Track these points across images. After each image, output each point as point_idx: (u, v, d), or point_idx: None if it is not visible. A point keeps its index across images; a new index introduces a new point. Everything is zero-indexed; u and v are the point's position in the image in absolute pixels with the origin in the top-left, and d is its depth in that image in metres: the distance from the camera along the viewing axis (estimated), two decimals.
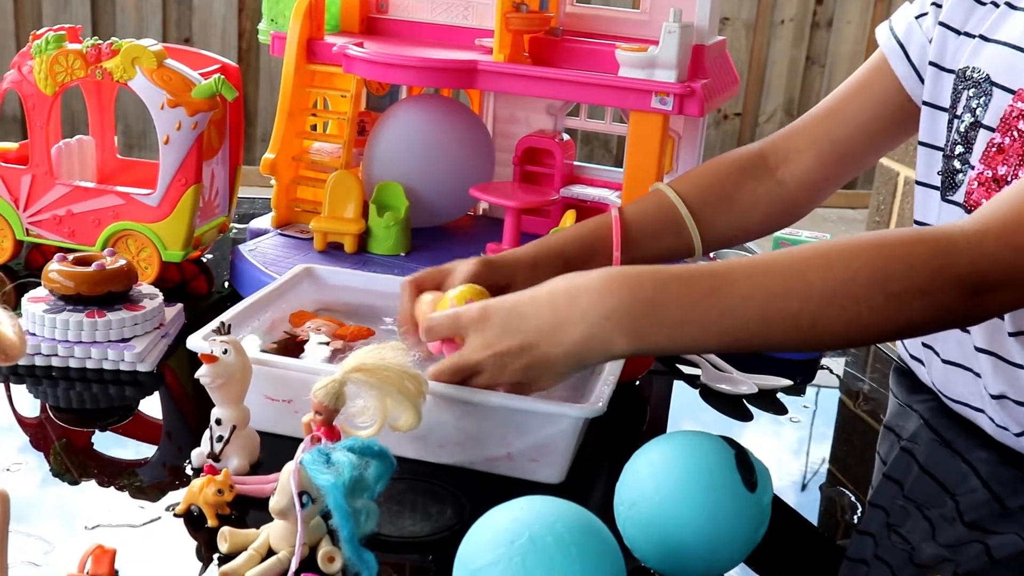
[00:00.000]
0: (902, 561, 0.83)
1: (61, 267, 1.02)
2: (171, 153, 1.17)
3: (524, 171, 1.35)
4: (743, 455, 0.73)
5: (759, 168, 1.11)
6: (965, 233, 0.80)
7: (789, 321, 0.79)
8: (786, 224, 1.16)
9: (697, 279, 0.80)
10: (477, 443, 0.86)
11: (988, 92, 0.95)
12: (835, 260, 0.79)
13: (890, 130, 1.10)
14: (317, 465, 0.68)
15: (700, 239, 1.08)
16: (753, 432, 1.01)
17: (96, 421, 0.94)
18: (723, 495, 0.71)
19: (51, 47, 1.18)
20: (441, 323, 0.86)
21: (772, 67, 4.69)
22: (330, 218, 1.25)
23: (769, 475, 0.75)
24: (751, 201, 1.10)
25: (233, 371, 0.82)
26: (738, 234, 1.13)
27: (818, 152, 1.10)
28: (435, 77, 1.21)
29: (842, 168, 1.12)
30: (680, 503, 0.71)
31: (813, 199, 1.13)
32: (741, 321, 0.79)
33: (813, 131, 1.11)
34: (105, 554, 0.70)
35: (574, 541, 0.62)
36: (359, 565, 0.68)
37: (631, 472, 0.74)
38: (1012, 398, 0.96)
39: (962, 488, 0.95)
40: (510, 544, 0.62)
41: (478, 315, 0.84)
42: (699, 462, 0.72)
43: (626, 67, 1.15)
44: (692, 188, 1.09)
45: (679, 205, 1.07)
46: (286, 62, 1.29)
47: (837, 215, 4.78)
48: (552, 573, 0.61)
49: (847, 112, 1.10)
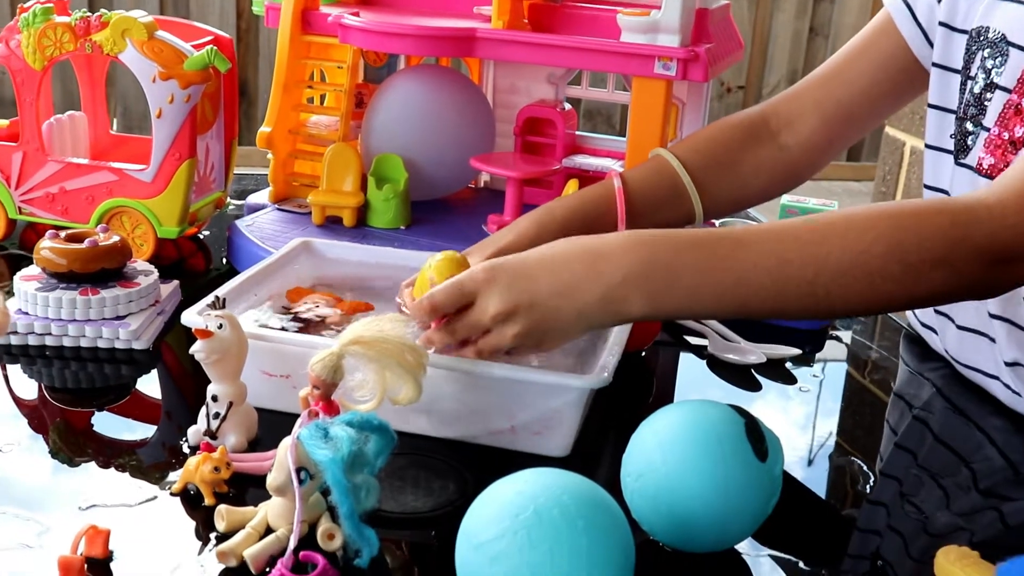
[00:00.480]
0: (915, 530, 0.81)
1: (53, 244, 1.00)
2: (164, 127, 1.15)
3: (525, 141, 1.33)
4: (753, 424, 0.71)
5: (761, 132, 1.09)
6: (985, 203, 0.79)
7: (804, 288, 0.78)
8: (789, 189, 1.13)
9: (714, 244, 0.80)
10: (480, 416, 0.84)
11: (1004, 52, 0.92)
12: (850, 230, 0.78)
13: (895, 92, 1.08)
14: (315, 440, 0.67)
15: (701, 205, 1.05)
16: (761, 402, 0.99)
17: (91, 400, 0.92)
18: (733, 465, 0.69)
19: (38, 20, 1.16)
20: (446, 296, 0.83)
21: (775, 39, 4.64)
22: (328, 192, 1.23)
23: (780, 444, 0.73)
24: (753, 166, 1.08)
25: (228, 346, 0.80)
26: (740, 199, 1.11)
27: (822, 115, 1.08)
28: (433, 45, 1.19)
29: (846, 130, 1.10)
30: (688, 474, 0.69)
31: (816, 163, 1.11)
32: (755, 288, 0.79)
33: (816, 93, 1.09)
34: (99, 534, 0.68)
35: (580, 514, 0.60)
36: (360, 542, 0.66)
37: (637, 443, 0.72)
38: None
39: (976, 456, 0.93)
40: (515, 517, 0.60)
41: (483, 276, 0.81)
42: (708, 431, 0.70)
43: (628, 32, 1.12)
44: (693, 154, 1.07)
45: (680, 171, 1.05)
46: (281, 33, 1.26)
47: (842, 188, 4.75)
48: (558, 546, 0.59)
49: (851, 73, 1.08)
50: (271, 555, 0.68)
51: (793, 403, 1.00)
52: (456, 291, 0.82)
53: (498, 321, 0.81)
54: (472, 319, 0.82)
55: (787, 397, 1.01)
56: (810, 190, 4.48)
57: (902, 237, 0.77)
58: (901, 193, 2.76)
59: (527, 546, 0.59)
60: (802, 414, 0.98)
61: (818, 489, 0.87)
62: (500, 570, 0.59)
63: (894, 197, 2.78)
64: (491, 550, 0.60)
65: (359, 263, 1.07)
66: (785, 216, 1.24)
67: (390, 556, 0.71)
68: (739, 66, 4.61)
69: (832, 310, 0.82)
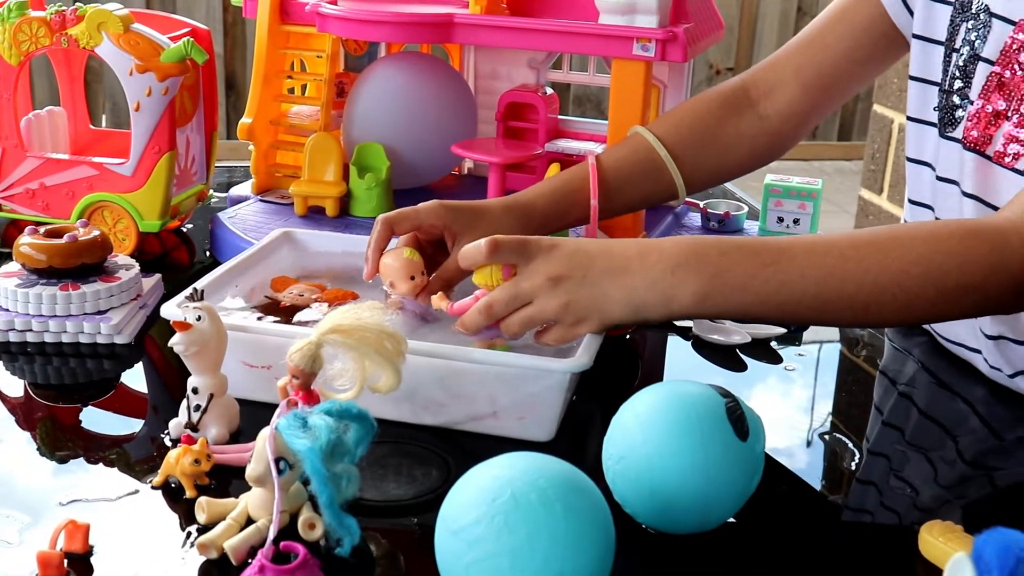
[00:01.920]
0: (901, 505, 0.81)
1: (33, 240, 1.00)
2: (143, 120, 1.14)
3: (508, 127, 1.32)
4: (734, 403, 0.71)
5: (741, 103, 1.09)
6: (1016, 227, 0.81)
7: (844, 302, 0.82)
8: (771, 159, 1.13)
9: (760, 250, 0.83)
10: (461, 402, 0.83)
11: (987, 24, 0.92)
12: (891, 250, 0.81)
13: (874, 58, 1.07)
14: (293, 430, 0.66)
15: (683, 181, 1.05)
16: (747, 382, 0.99)
17: (74, 395, 0.92)
18: (714, 445, 0.69)
19: (13, 15, 1.15)
20: (511, 246, 0.84)
21: (763, 19, 4.64)
22: (310, 182, 1.23)
23: (761, 423, 0.73)
24: (734, 137, 1.08)
25: (208, 338, 0.80)
26: (722, 172, 1.11)
27: (801, 82, 1.08)
28: (411, 32, 1.18)
29: (825, 97, 1.09)
30: (669, 455, 0.69)
31: (797, 131, 1.11)
32: (798, 296, 0.82)
33: (795, 60, 1.09)
34: (78, 529, 0.68)
35: (558, 497, 0.59)
36: (340, 531, 0.66)
37: (618, 425, 0.72)
38: (1010, 337, 0.94)
39: (961, 428, 0.93)
40: (492, 502, 0.59)
41: (547, 244, 0.84)
42: (688, 412, 0.69)
43: (606, 14, 1.12)
44: (672, 129, 1.07)
45: (658, 148, 1.05)
46: (259, 23, 1.26)
47: (833, 167, 4.75)
48: (537, 530, 0.58)
49: (830, 39, 1.07)
50: (252, 546, 0.68)
51: (778, 382, 1.00)
52: (520, 246, 0.84)
53: (546, 288, 0.82)
54: (518, 282, 0.83)
55: (773, 377, 1.00)
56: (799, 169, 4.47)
57: (941, 261, 0.80)
58: (890, 170, 2.76)
59: (505, 530, 0.58)
60: (788, 393, 0.98)
61: (804, 467, 0.87)
62: (479, 555, 0.59)
63: (883, 175, 2.77)
64: (469, 535, 0.59)
65: (341, 252, 1.07)
66: (770, 195, 1.24)
67: (372, 544, 0.71)
68: (728, 48, 4.60)
69: (870, 322, 0.88)
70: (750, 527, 0.75)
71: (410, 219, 0.94)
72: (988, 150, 0.91)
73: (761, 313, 0.84)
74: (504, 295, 0.84)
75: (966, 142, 0.93)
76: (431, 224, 0.95)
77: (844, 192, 4.19)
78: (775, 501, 0.79)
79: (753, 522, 0.75)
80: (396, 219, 0.94)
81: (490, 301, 0.84)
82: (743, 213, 1.28)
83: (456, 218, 0.95)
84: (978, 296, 0.81)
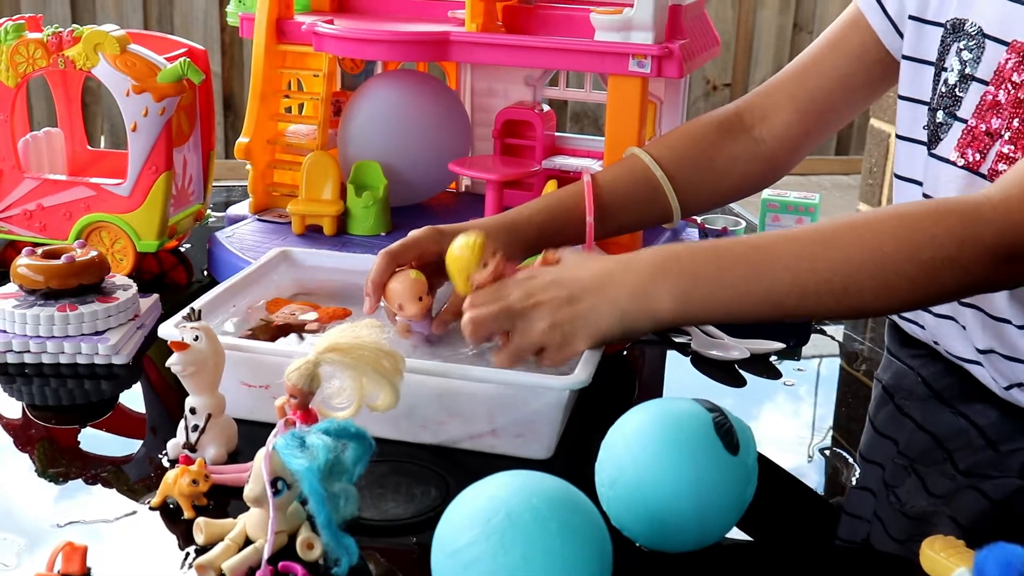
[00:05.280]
0: (901, 520, 0.80)
1: (30, 261, 1.00)
2: (139, 140, 1.15)
3: (505, 144, 1.32)
4: (721, 417, 0.71)
5: (736, 127, 1.09)
6: (990, 201, 0.81)
7: (823, 287, 0.82)
8: (766, 184, 1.14)
9: (732, 246, 0.85)
10: (460, 420, 0.83)
11: (981, 45, 0.92)
12: (864, 230, 0.82)
13: (868, 83, 1.08)
14: (291, 449, 0.66)
15: (678, 203, 1.05)
16: (746, 398, 0.99)
17: (71, 416, 0.92)
18: (704, 461, 0.68)
19: (11, 37, 1.15)
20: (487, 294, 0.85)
21: (760, 35, 4.65)
22: (308, 200, 1.23)
23: (751, 434, 0.72)
24: (728, 161, 1.08)
25: (205, 358, 0.80)
26: (716, 196, 1.11)
27: (796, 108, 1.08)
28: (407, 50, 1.19)
29: (821, 123, 1.10)
30: (660, 476, 0.68)
31: (792, 156, 1.11)
32: (775, 284, 0.82)
33: (790, 87, 1.09)
34: (75, 551, 0.67)
35: (553, 515, 0.59)
36: (338, 551, 0.66)
37: (607, 449, 0.72)
38: (1000, 352, 0.94)
39: (959, 441, 0.93)
40: (486, 523, 0.59)
41: (526, 274, 0.86)
42: (675, 430, 0.69)
43: (601, 31, 1.12)
44: (668, 151, 1.07)
45: (655, 169, 1.05)
46: (255, 43, 1.26)
47: (830, 181, 4.75)
48: (532, 549, 0.58)
49: (824, 66, 1.08)
50: (250, 566, 0.67)
51: (778, 397, 0.99)
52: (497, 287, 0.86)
53: (527, 314, 0.83)
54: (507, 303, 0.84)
55: (772, 392, 1.00)
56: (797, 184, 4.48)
57: (914, 236, 0.80)
58: (887, 185, 2.76)
59: (500, 551, 0.58)
60: (787, 408, 0.98)
61: (804, 483, 0.87)
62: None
63: (881, 189, 2.78)
64: (465, 557, 0.59)
65: (339, 270, 1.07)
66: (767, 211, 1.24)
67: (371, 564, 0.70)
68: (724, 64, 4.61)
69: (852, 309, 0.86)
70: (750, 544, 0.75)
71: (412, 249, 0.94)
72: (982, 168, 0.91)
73: (746, 310, 0.84)
74: (491, 311, 0.84)
75: (956, 162, 0.93)
76: (430, 250, 0.94)
77: (842, 207, 4.19)
78: (775, 517, 0.79)
79: (753, 538, 0.75)
80: (399, 251, 0.93)
81: (475, 317, 0.85)
82: (741, 228, 1.28)
83: (442, 240, 0.93)
84: (956, 269, 0.80)
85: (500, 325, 0.85)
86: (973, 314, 0.95)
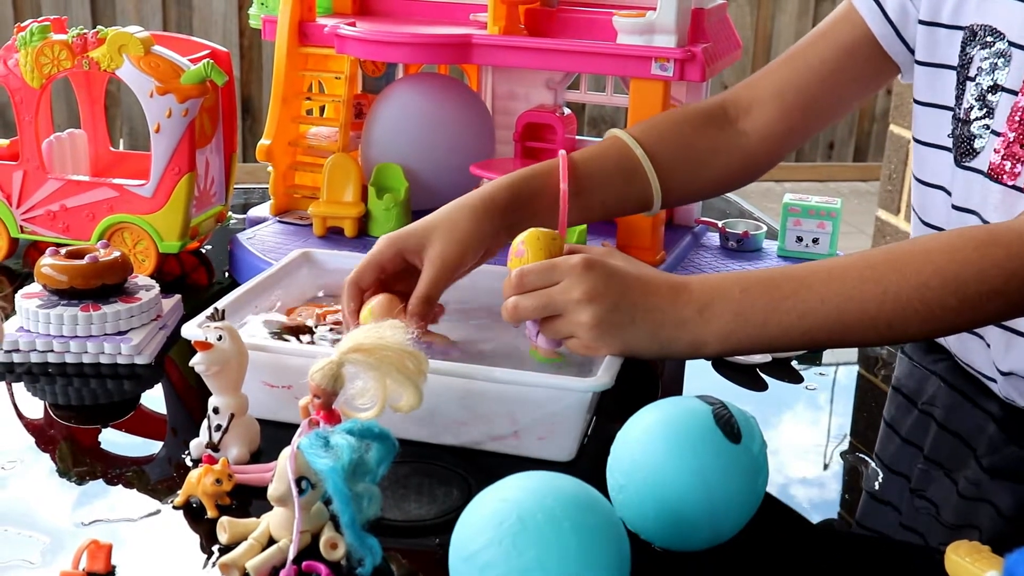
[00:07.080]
0: (925, 525, 0.80)
1: (53, 261, 1.00)
2: (163, 142, 1.15)
3: (525, 147, 1.32)
4: (721, 408, 0.71)
5: (719, 118, 1.08)
6: None
7: (867, 323, 0.82)
8: (748, 179, 1.11)
9: (780, 283, 0.83)
10: (482, 422, 0.83)
11: (1007, 53, 0.91)
12: (907, 265, 0.81)
13: (858, 80, 1.06)
14: (315, 449, 0.66)
15: (659, 185, 1.04)
16: (768, 402, 0.98)
17: (94, 416, 0.92)
18: (707, 454, 0.68)
19: (36, 39, 1.16)
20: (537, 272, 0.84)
21: (778, 39, 4.64)
22: (329, 202, 1.23)
23: (754, 423, 0.72)
24: (710, 151, 1.07)
25: (228, 358, 0.80)
26: (695, 186, 1.09)
27: (780, 101, 1.07)
28: (429, 53, 1.19)
29: (805, 118, 1.08)
30: (667, 474, 0.69)
31: (775, 152, 1.09)
32: (820, 322, 0.82)
33: (775, 79, 1.08)
34: (100, 549, 0.68)
35: (567, 516, 0.59)
36: (362, 551, 0.66)
37: (614, 457, 0.72)
38: (1022, 375, 0.93)
39: (982, 445, 0.93)
40: (499, 526, 0.59)
41: (580, 264, 0.84)
42: (676, 428, 0.69)
43: (624, 34, 1.12)
44: (648, 131, 1.05)
45: (634, 147, 1.04)
46: (278, 46, 1.26)
47: (849, 188, 4.74)
48: (546, 550, 0.58)
49: (810, 59, 1.06)
50: (273, 566, 0.68)
51: (799, 402, 0.99)
52: (548, 269, 0.84)
53: (581, 304, 0.82)
54: (551, 294, 0.83)
55: (793, 396, 1.00)
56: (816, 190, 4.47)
57: (959, 271, 0.80)
58: (906, 191, 2.75)
59: (514, 553, 0.58)
60: (808, 412, 0.98)
61: (825, 486, 0.86)
62: None
63: (900, 195, 2.76)
64: (479, 560, 0.59)
65: None
66: (788, 215, 1.24)
67: (394, 564, 0.71)
68: (743, 68, 4.60)
69: (895, 340, 0.88)
70: (769, 546, 0.75)
71: (371, 266, 0.92)
72: (1018, 181, 0.90)
73: (786, 344, 0.85)
74: (535, 303, 0.84)
75: (992, 174, 0.92)
76: (389, 260, 0.92)
77: (861, 213, 4.18)
78: (795, 520, 0.79)
79: (772, 541, 0.75)
80: (359, 276, 0.92)
81: (519, 303, 0.84)
82: (762, 232, 1.28)
83: (407, 240, 0.92)
84: (1001, 301, 0.80)
85: (540, 313, 0.84)
86: (1000, 333, 0.94)
